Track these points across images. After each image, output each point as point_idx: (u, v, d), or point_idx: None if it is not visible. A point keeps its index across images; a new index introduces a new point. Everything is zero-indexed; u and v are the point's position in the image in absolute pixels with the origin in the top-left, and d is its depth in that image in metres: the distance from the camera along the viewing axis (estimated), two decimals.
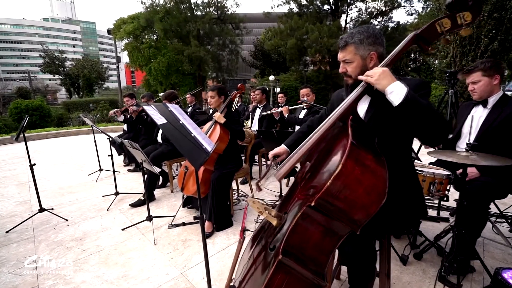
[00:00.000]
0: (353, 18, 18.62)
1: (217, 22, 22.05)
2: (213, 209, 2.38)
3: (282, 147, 1.45)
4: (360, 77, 1.11)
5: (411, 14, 17.28)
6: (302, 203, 1.04)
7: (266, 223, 1.23)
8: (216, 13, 21.97)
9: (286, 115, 3.23)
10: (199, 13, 21.38)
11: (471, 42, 6.83)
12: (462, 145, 1.94)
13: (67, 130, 9.17)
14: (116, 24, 20.63)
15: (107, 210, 2.96)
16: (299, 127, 3.30)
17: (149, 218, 2.45)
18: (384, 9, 17.40)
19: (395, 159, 1.16)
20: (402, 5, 16.80)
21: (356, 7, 18.07)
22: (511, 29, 6.43)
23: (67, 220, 2.73)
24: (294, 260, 0.97)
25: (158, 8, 19.74)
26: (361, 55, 1.16)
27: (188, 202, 2.84)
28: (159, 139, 3.58)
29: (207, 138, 1.36)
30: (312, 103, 3.10)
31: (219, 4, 21.76)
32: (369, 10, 17.79)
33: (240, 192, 3.30)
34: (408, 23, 18.93)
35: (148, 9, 19.65)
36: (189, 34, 20.35)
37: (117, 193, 3.26)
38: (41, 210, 2.78)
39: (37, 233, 2.49)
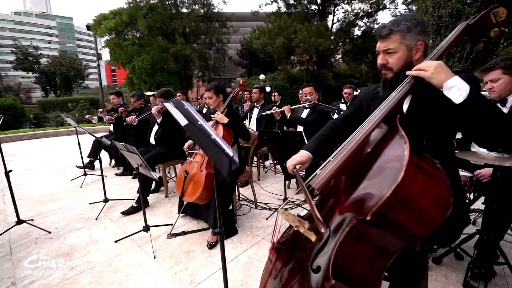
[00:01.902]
0: (339, 18, 18.89)
1: (203, 20, 21.64)
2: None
3: (305, 154, 1.26)
4: (410, 72, 0.97)
5: (396, 16, 17.74)
6: (350, 217, 0.90)
7: (299, 238, 1.07)
8: (202, 10, 21.54)
9: (288, 114, 3.09)
10: (184, 10, 20.88)
11: (457, 43, 7.03)
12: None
13: (44, 131, 8.55)
14: (96, 19, 19.72)
15: (96, 219, 2.68)
16: (301, 127, 3.17)
17: (146, 228, 2.22)
18: (369, 10, 17.76)
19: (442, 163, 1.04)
20: (387, 7, 17.23)
21: (343, 8, 18.35)
22: None
23: (50, 232, 2.44)
24: (347, 284, 0.82)
25: (141, 4, 19.06)
26: (407, 45, 1.03)
27: (184, 209, 2.62)
28: (152, 140, 3.32)
29: (225, 141, 1.19)
30: (315, 102, 2.98)
31: (205, 1, 21.35)
32: (355, 11, 18.11)
33: (241, 196, 3.13)
34: None
35: (131, 4, 18.91)
36: (174, 32, 19.83)
37: (106, 200, 2.98)
38: (19, 222, 2.46)
39: (15, 249, 2.19)
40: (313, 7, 18.14)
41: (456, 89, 0.87)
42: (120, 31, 19.44)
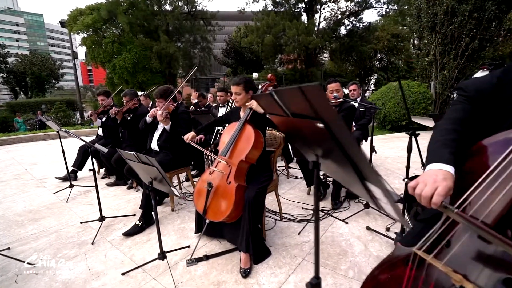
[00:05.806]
0: (326, 17, 18.95)
1: (187, 18, 20.92)
2: (251, 237, 1.82)
3: (448, 174, 0.78)
4: None
5: (382, 15, 18.08)
6: None
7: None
8: (185, 7, 20.81)
9: None
10: (167, 7, 20.04)
11: (452, 40, 7.07)
12: None
13: (16, 136, 7.66)
14: (72, 15, 18.41)
15: (92, 243, 2.21)
16: None
17: (162, 255, 1.79)
18: (356, 9, 17.95)
19: None
20: (374, 5, 17.49)
21: (329, 6, 18.41)
22: (489, 29, 6.77)
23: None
24: None
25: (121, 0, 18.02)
26: None
27: (200, 227, 2.19)
28: (155, 147, 2.86)
29: None
30: (343, 98, 2.67)
31: None
32: (341, 9, 18.23)
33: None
34: (374, 23, 19.83)
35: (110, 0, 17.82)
36: (157, 29, 18.99)
37: (102, 218, 2.49)
38: None
39: None
40: (300, 5, 18.06)
41: None
42: (98, 27, 18.27)
